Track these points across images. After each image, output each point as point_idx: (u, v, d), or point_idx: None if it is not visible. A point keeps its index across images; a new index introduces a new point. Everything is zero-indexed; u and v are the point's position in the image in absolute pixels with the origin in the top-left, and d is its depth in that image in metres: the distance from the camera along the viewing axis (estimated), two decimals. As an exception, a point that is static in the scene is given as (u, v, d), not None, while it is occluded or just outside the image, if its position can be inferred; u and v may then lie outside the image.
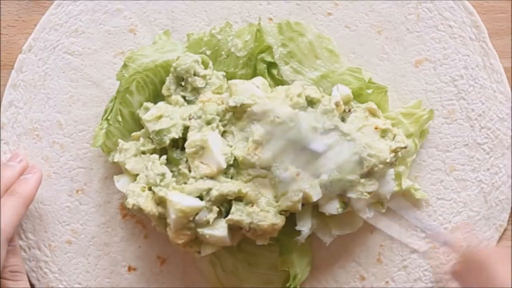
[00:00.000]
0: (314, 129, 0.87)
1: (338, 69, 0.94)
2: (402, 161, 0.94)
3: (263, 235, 0.88)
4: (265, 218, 0.86)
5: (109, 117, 0.94)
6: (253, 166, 0.88)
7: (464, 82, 0.97)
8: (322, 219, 0.92)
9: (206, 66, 0.92)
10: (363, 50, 0.98)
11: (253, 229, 0.87)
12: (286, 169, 0.86)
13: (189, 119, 0.90)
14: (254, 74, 0.93)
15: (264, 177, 0.88)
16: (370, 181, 0.88)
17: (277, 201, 0.88)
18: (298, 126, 0.86)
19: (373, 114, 0.91)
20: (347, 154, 0.87)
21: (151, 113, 0.90)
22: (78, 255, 0.98)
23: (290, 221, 0.89)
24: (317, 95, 0.90)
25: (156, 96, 0.93)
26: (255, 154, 0.87)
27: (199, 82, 0.91)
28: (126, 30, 0.99)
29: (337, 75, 0.93)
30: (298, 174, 0.86)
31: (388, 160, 0.88)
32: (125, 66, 0.93)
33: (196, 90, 0.91)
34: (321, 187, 0.87)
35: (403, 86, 0.97)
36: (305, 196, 0.86)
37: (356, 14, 0.98)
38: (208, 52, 0.94)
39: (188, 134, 0.89)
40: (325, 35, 0.95)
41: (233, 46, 0.94)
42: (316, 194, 0.87)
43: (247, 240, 0.90)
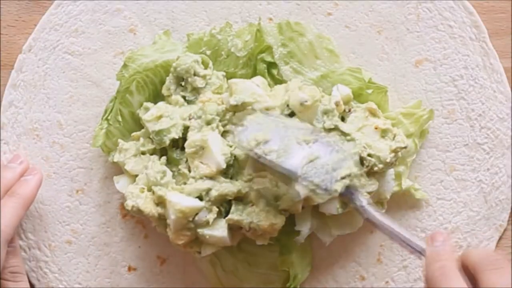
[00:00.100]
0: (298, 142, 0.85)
1: (338, 69, 0.94)
2: (402, 161, 0.94)
3: (263, 235, 0.88)
4: (265, 218, 0.86)
5: (109, 117, 0.94)
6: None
7: (464, 82, 0.97)
8: (322, 219, 0.92)
9: (206, 66, 0.92)
10: (363, 50, 0.98)
11: (253, 229, 0.87)
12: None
13: (189, 119, 0.90)
14: (254, 74, 0.93)
15: (264, 177, 0.88)
16: (370, 181, 0.88)
17: (277, 201, 0.88)
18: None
19: (373, 114, 0.91)
20: (347, 154, 0.87)
21: (151, 113, 0.90)
22: (78, 255, 0.98)
23: (290, 221, 0.89)
24: (317, 94, 0.90)
25: (156, 96, 0.93)
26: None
27: (199, 82, 0.91)
28: (126, 30, 0.99)
29: (337, 75, 0.93)
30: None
31: (388, 160, 0.88)
32: (125, 66, 0.93)
33: (196, 90, 0.91)
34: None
35: (403, 86, 0.97)
36: (307, 198, 0.86)
37: (356, 14, 0.98)
38: (208, 52, 0.93)
39: (188, 134, 0.89)
40: (325, 35, 0.95)
41: (233, 46, 0.93)
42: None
43: (247, 240, 0.90)
